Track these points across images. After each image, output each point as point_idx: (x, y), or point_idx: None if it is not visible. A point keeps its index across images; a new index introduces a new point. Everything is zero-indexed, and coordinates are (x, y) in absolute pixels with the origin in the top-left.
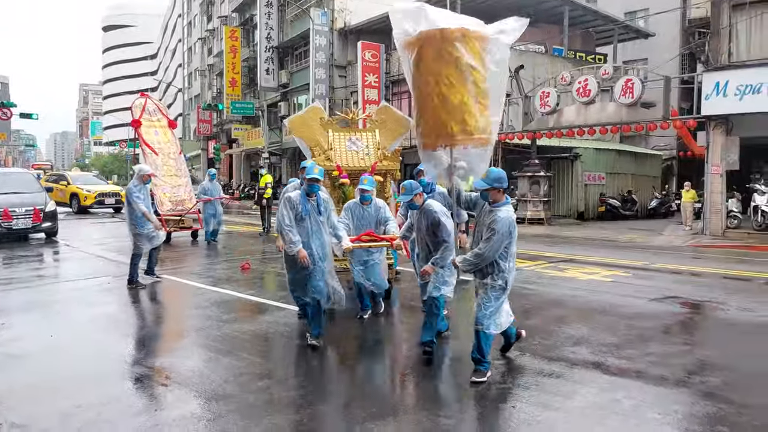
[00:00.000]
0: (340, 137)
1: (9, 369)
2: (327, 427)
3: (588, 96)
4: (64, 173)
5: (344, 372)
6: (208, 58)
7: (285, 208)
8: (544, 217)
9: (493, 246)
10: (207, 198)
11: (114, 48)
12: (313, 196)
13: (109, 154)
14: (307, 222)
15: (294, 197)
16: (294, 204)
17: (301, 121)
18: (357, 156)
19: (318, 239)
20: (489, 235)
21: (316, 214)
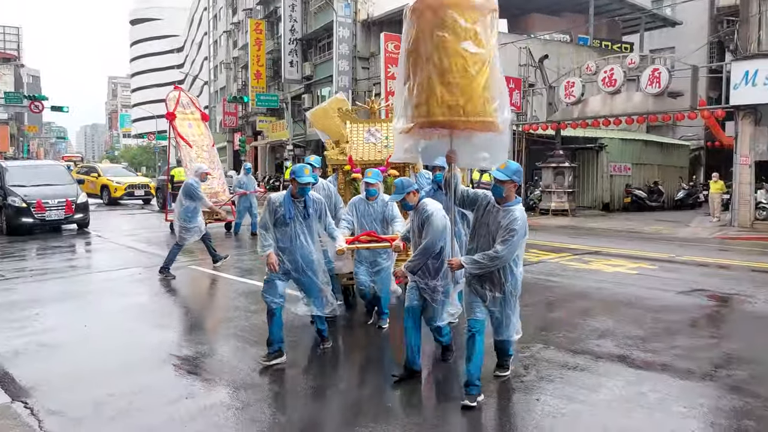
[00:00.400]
0: (358, 129)
1: (44, 358)
2: (353, 416)
3: (614, 86)
4: (95, 165)
5: (369, 364)
6: (233, 50)
7: (265, 210)
8: (568, 209)
9: (512, 248)
10: (242, 192)
11: (141, 41)
12: (301, 198)
13: (137, 146)
14: (291, 227)
15: (275, 199)
16: (274, 207)
17: (323, 114)
18: (374, 149)
19: (303, 245)
20: (507, 236)
21: (302, 218)
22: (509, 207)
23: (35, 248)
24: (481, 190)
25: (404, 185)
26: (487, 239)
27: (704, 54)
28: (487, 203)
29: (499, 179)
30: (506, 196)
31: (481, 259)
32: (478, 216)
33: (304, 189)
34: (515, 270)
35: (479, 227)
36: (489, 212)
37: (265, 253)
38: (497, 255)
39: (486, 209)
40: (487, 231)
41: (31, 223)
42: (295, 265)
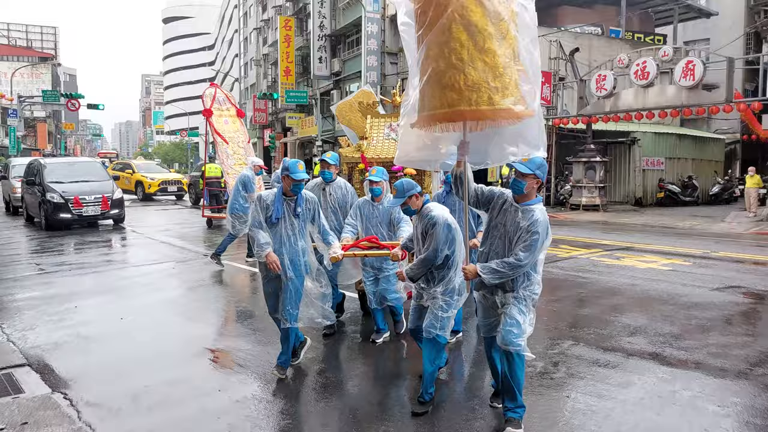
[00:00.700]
0: (378, 124)
1: (82, 350)
2: (381, 411)
3: (646, 79)
4: (130, 162)
5: (400, 362)
6: (263, 47)
7: (255, 209)
8: (599, 204)
9: (535, 253)
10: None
11: (174, 39)
12: (293, 197)
13: (170, 143)
14: (280, 226)
15: (265, 196)
16: (265, 204)
17: (348, 108)
18: (394, 145)
19: (291, 248)
20: (529, 241)
21: (292, 217)
22: (529, 206)
23: (73, 243)
24: (498, 188)
25: (405, 188)
26: (502, 242)
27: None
28: (504, 202)
29: (521, 172)
30: (527, 194)
31: (500, 267)
32: (492, 216)
33: (297, 186)
34: (532, 276)
35: (494, 229)
36: (506, 212)
37: (264, 252)
38: (519, 263)
39: (502, 208)
40: (503, 233)
41: (69, 218)
42: (282, 268)
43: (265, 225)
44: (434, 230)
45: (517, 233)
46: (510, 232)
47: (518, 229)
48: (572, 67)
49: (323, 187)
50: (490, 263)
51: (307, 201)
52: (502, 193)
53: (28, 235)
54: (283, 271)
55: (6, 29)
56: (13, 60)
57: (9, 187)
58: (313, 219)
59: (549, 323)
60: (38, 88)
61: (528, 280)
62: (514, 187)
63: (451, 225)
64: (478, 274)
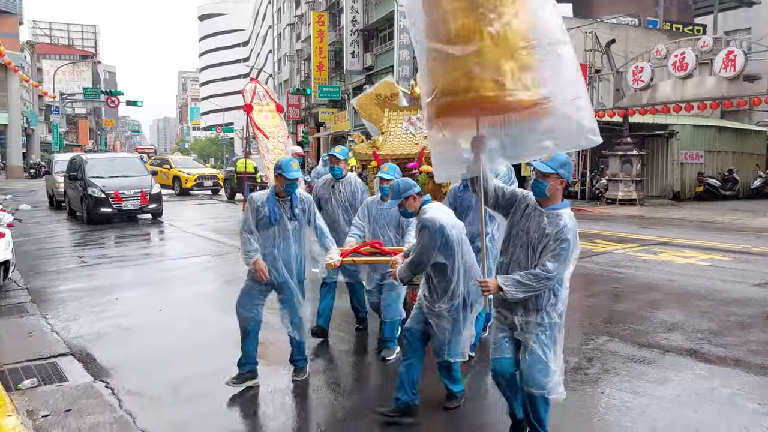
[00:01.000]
0: (397, 118)
1: (123, 341)
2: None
3: (685, 70)
4: (167, 157)
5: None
6: (296, 43)
7: (248, 210)
8: (636, 198)
9: (564, 264)
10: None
11: (209, 36)
12: (287, 197)
13: (206, 139)
14: (274, 229)
15: (257, 197)
16: (256, 206)
17: (368, 100)
18: (411, 140)
19: (286, 251)
20: (558, 249)
21: (287, 219)
22: (555, 211)
23: (113, 236)
24: (520, 189)
25: (401, 188)
26: (525, 251)
27: None
28: (527, 205)
29: (542, 172)
30: (550, 196)
31: (525, 279)
32: (514, 221)
33: (291, 186)
34: (559, 291)
35: (515, 236)
36: (529, 217)
37: (252, 259)
38: (548, 274)
39: (525, 212)
40: (526, 240)
41: (110, 212)
42: (276, 273)
43: (255, 228)
44: (422, 234)
45: (542, 241)
46: (534, 240)
47: (544, 236)
48: (608, 59)
49: (332, 184)
50: (514, 275)
51: (303, 201)
52: (526, 195)
53: (71, 228)
54: (274, 275)
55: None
56: (55, 58)
57: (52, 182)
58: (309, 220)
59: (583, 318)
60: (79, 86)
61: (554, 297)
62: (535, 189)
63: (445, 230)
64: (499, 288)
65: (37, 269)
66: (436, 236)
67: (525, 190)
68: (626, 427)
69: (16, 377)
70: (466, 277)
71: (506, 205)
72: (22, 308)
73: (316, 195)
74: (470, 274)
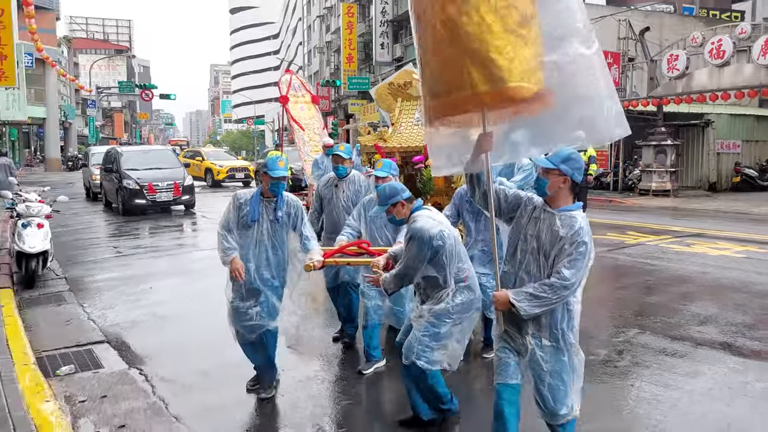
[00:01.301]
0: (409, 108)
1: (157, 329)
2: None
3: (722, 58)
4: (200, 150)
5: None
6: (326, 35)
7: (229, 207)
8: (670, 189)
9: (582, 270)
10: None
11: (240, 29)
12: (272, 198)
13: (238, 131)
14: (254, 230)
15: (241, 195)
16: (239, 204)
17: (385, 90)
18: (422, 132)
19: (259, 255)
20: (575, 254)
21: (268, 221)
22: (567, 212)
23: (148, 227)
24: (524, 192)
25: (387, 194)
26: (535, 259)
27: None
28: (533, 208)
29: (543, 168)
30: (555, 195)
31: (539, 291)
32: (520, 226)
33: (276, 185)
34: (572, 305)
35: (523, 242)
36: (538, 220)
37: (229, 258)
38: (564, 283)
39: (532, 216)
40: (537, 247)
41: (144, 204)
42: (249, 279)
43: (233, 227)
44: (410, 245)
45: (555, 246)
46: (545, 245)
47: (557, 239)
48: (642, 47)
49: (336, 183)
50: (525, 288)
51: (289, 205)
52: (531, 197)
53: (107, 219)
54: (246, 280)
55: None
56: (91, 53)
57: (89, 174)
58: (294, 225)
59: (614, 311)
60: (114, 80)
61: (568, 313)
62: (536, 187)
63: (434, 240)
64: (509, 302)
65: (74, 259)
66: (425, 248)
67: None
68: (656, 420)
69: (55, 364)
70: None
71: (510, 209)
72: (60, 297)
73: (319, 194)
74: (465, 284)
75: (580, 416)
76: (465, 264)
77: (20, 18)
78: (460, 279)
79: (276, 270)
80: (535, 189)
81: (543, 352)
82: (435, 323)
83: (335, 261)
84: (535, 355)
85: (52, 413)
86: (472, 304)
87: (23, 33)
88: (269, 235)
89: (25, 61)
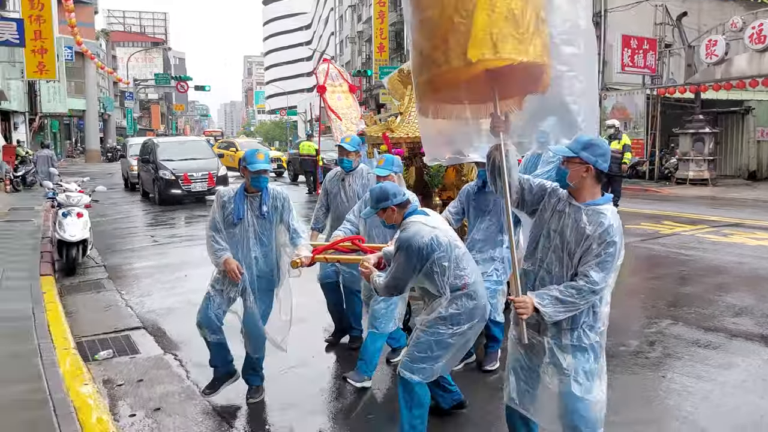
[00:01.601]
0: None
1: (191, 315)
2: (470, 393)
3: (763, 42)
4: (233, 140)
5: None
6: (357, 25)
7: (214, 207)
8: (708, 177)
9: (610, 274)
10: None
11: (273, 20)
12: (256, 193)
13: (271, 122)
14: (240, 229)
15: (224, 192)
16: (222, 202)
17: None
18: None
19: (253, 255)
20: (604, 255)
21: (254, 217)
22: (596, 207)
23: (183, 217)
24: (549, 182)
25: (377, 197)
26: (558, 256)
27: None
28: (558, 200)
29: (565, 156)
30: (578, 187)
31: (566, 294)
32: (543, 220)
33: (258, 180)
34: (598, 307)
35: (545, 237)
36: (562, 214)
37: (221, 259)
38: (593, 287)
39: (556, 209)
40: (560, 243)
41: (179, 194)
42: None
43: (220, 227)
44: (398, 255)
45: (582, 244)
46: (570, 243)
47: (583, 237)
48: (679, 33)
49: (342, 177)
50: (551, 290)
51: (275, 198)
52: (556, 188)
53: (144, 209)
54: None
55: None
56: (128, 46)
57: (127, 165)
58: (281, 218)
59: (647, 301)
60: (151, 72)
61: (593, 314)
62: (558, 179)
63: (424, 250)
64: (533, 307)
65: (113, 247)
66: (413, 259)
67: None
68: (687, 411)
69: (93, 349)
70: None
71: (535, 202)
72: (99, 284)
73: (325, 189)
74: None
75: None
76: (465, 270)
77: (60, 12)
78: (457, 287)
79: (266, 269)
80: (557, 181)
81: (561, 350)
82: (426, 332)
83: (325, 258)
84: (554, 356)
85: (90, 396)
86: (473, 313)
87: (63, 27)
88: (256, 233)
89: (65, 54)
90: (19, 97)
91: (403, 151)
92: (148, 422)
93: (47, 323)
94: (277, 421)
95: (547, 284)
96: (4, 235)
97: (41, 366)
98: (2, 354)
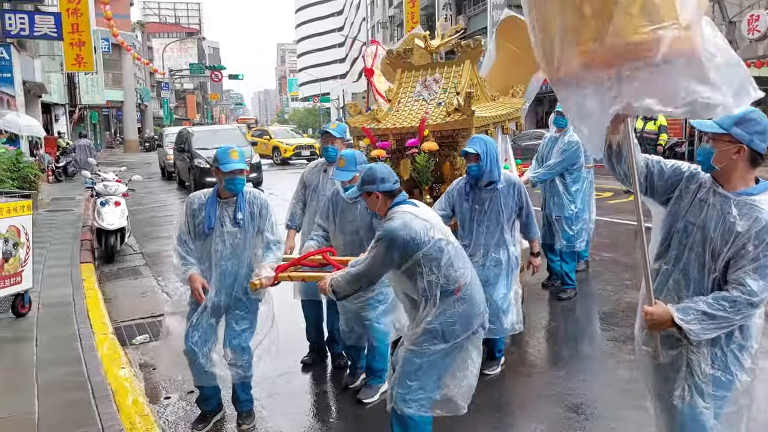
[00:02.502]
0: (409, 79)
1: None
2: (488, 389)
3: None
4: (267, 128)
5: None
6: (389, 9)
7: (182, 216)
8: None
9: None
10: None
11: (305, 7)
12: (231, 198)
13: (304, 109)
14: (212, 240)
15: (194, 198)
16: (192, 209)
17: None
18: (421, 109)
19: (228, 268)
20: (762, 259)
21: (229, 225)
22: (748, 196)
23: None
24: (686, 163)
25: (364, 178)
26: (698, 256)
27: None
28: (698, 187)
29: (710, 133)
30: (726, 171)
31: (717, 308)
32: (679, 210)
33: (232, 182)
34: (750, 320)
35: (681, 234)
36: (704, 204)
37: (186, 275)
38: (750, 299)
39: (696, 197)
40: (701, 240)
41: (214, 181)
42: (216, 297)
43: (186, 238)
44: (377, 245)
45: (731, 244)
46: (715, 240)
47: (733, 235)
48: (720, 8)
49: (324, 168)
50: (697, 303)
51: (251, 204)
52: (695, 172)
53: (180, 197)
54: (209, 296)
55: (157, 8)
56: (163, 36)
57: (163, 154)
58: (258, 227)
59: None
60: (186, 62)
61: (742, 331)
62: (701, 159)
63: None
64: (671, 321)
65: (150, 235)
66: (394, 253)
67: (689, 165)
68: None
69: (131, 333)
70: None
71: (667, 189)
72: (137, 271)
73: (303, 181)
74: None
75: None
76: (459, 271)
77: (96, 5)
78: (449, 291)
79: (244, 285)
80: (699, 162)
81: (703, 382)
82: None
83: (288, 276)
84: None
85: (126, 379)
86: (469, 322)
87: (99, 19)
88: (232, 245)
89: (102, 46)
90: (60, 89)
91: (390, 143)
92: (182, 404)
93: (87, 309)
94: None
95: (682, 289)
96: (46, 225)
97: (80, 350)
98: (44, 338)
